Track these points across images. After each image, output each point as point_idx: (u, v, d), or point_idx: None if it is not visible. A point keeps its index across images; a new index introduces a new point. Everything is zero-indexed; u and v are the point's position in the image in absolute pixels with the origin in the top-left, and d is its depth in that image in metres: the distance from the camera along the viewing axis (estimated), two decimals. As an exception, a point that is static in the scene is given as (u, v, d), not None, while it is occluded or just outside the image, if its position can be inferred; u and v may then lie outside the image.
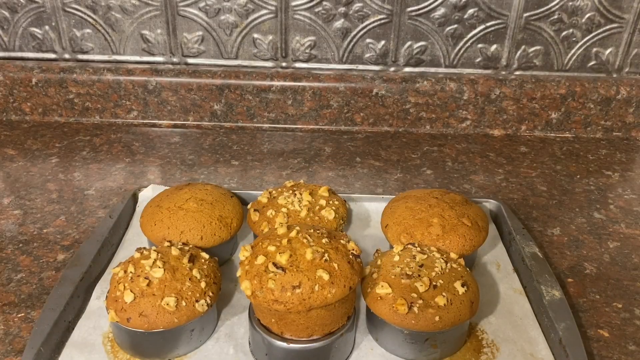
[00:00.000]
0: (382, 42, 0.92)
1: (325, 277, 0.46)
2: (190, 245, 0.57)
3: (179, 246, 0.55)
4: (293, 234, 0.49)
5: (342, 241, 0.50)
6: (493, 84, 0.93)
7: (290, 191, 0.63)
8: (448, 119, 0.95)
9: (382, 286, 0.50)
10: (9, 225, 0.69)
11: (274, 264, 0.47)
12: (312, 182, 0.80)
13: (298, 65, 0.94)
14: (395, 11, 0.90)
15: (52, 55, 0.94)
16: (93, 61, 0.94)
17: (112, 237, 0.64)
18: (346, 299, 0.48)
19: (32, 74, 0.92)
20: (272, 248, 0.48)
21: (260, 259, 0.47)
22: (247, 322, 0.52)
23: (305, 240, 0.48)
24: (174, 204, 0.60)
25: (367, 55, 0.93)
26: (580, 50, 0.93)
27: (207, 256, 0.54)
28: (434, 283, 0.49)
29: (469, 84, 0.93)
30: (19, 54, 0.94)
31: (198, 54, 0.94)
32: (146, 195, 0.71)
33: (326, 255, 0.48)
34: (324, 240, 0.49)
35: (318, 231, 0.50)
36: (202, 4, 0.89)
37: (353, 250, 0.50)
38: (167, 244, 0.56)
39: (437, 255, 0.53)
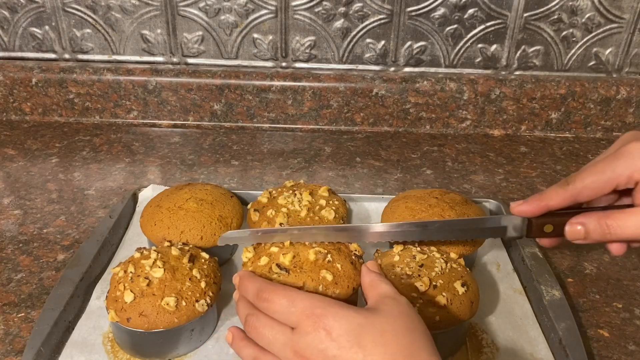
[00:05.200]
0: (382, 42, 0.92)
1: (329, 277, 0.46)
2: (190, 245, 0.57)
3: (179, 246, 0.55)
4: None
5: None
6: (493, 84, 0.93)
7: (290, 191, 0.63)
8: (448, 119, 0.95)
9: (382, 286, 0.50)
10: (9, 225, 0.69)
11: (278, 265, 0.47)
12: (312, 182, 0.80)
13: (298, 65, 0.94)
14: (395, 11, 0.90)
15: (52, 55, 0.94)
16: (93, 61, 0.94)
17: (112, 237, 0.64)
18: (348, 299, 0.49)
19: (32, 74, 0.92)
20: (275, 249, 0.48)
21: (264, 260, 0.48)
22: (247, 322, 0.52)
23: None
24: (174, 204, 0.60)
25: (367, 55, 0.93)
26: (580, 50, 0.93)
27: (207, 256, 0.54)
28: (434, 283, 0.49)
29: (469, 84, 0.93)
30: (19, 54, 0.94)
31: (198, 54, 0.94)
32: (146, 195, 0.71)
33: (329, 256, 0.48)
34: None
35: None
36: (202, 4, 0.89)
37: (355, 251, 0.50)
38: (167, 244, 0.56)
39: (437, 255, 0.53)
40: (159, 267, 0.50)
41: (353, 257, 0.49)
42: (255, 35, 0.92)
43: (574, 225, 0.45)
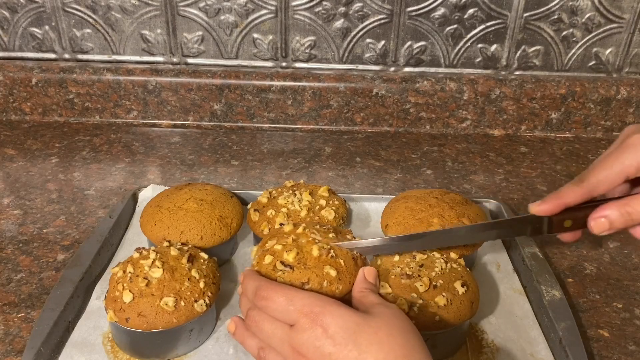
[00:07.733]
0: (382, 42, 0.92)
1: (333, 273, 0.47)
2: (189, 245, 0.57)
3: (178, 246, 0.55)
4: (300, 230, 0.50)
5: (348, 237, 0.52)
6: (493, 84, 0.93)
7: (290, 191, 0.63)
8: (448, 119, 0.95)
9: (382, 286, 0.50)
10: (9, 225, 0.69)
11: (282, 262, 0.47)
12: (312, 182, 0.80)
13: (298, 65, 0.94)
14: (395, 11, 0.90)
15: (52, 55, 0.94)
16: (93, 61, 0.94)
17: (112, 237, 0.64)
18: (350, 294, 0.49)
19: (32, 74, 0.92)
20: (279, 247, 0.49)
21: (268, 259, 0.48)
22: (247, 322, 0.52)
23: (313, 235, 0.49)
24: (173, 204, 0.60)
25: (367, 55, 0.93)
26: (580, 50, 0.93)
27: (206, 256, 0.54)
28: (434, 283, 0.49)
29: (469, 84, 0.93)
30: (19, 54, 0.94)
31: (198, 54, 0.94)
32: (146, 195, 0.71)
33: (332, 251, 0.48)
34: (330, 235, 0.50)
35: (324, 227, 0.52)
36: (202, 4, 0.89)
37: None
38: (166, 244, 0.56)
39: (437, 255, 0.53)
40: (158, 267, 0.50)
41: (355, 252, 0.50)
42: (255, 35, 0.92)
43: (597, 218, 0.47)
